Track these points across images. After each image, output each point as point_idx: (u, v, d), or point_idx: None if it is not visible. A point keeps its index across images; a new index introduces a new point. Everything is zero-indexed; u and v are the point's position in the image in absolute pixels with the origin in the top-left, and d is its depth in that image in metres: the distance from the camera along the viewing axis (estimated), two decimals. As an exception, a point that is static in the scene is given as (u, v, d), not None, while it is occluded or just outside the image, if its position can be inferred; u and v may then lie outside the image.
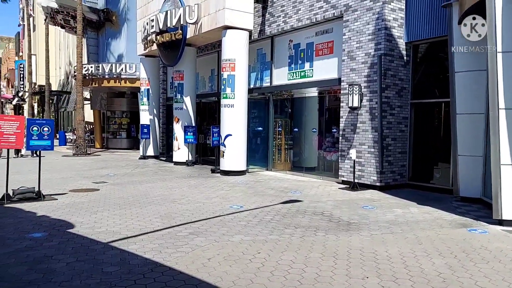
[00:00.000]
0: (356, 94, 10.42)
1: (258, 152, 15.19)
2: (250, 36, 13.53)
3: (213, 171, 13.82)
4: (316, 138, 13.20)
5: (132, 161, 17.81)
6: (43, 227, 6.13)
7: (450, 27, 8.73)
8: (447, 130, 9.78)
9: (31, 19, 34.75)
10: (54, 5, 22.66)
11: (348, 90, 10.60)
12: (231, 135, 13.07)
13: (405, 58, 10.80)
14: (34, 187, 8.49)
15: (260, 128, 15.35)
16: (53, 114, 33.45)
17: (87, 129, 27.51)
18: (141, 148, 19.32)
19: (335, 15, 11.39)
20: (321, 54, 12.25)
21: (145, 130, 18.89)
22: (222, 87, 13.18)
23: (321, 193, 9.80)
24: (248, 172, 13.75)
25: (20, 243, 5.30)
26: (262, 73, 14.62)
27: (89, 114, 27.94)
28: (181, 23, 14.07)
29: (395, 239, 5.80)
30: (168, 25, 14.49)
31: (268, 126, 14.48)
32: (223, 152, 13.24)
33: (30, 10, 35.02)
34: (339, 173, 11.41)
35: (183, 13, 13.88)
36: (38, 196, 8.37)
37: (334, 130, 12.24)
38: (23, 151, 17.57)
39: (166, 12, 14.55)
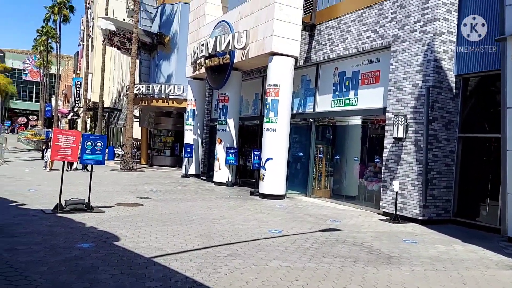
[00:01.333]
0: (401, 125, 10.28)
1: (298, 177, 15.18)
2: (295, 62, 13.77)
3: (252, 194, 13.94)
4: (357, 167, 13.05)
5: (174, 178, 18.30)
6: (91, 238, 6.45)
7: (503, 61, 8.50)
8: (496, 167, 9.38)
9: (90, 40, 37.17)
10: (112, 28, 24.16)
11: (394, 120, 10.48)
12: (271, 158, 13.20)
13: (454, 91, 10.57)
14: (84, 199, 8.96)
15: (300, 153, 15.39)
16: (104, 129, 35.11)
17: (134, 145, 28.60)
18: (183, 166, 19.83)
19: (383, 45, 11.41)
20: (367, 83, 12.24)
21: (189, 150, 19.41)
22: (266, 111, 13.42)
23: (361, 223, 9.63)
24: (287, 196, 13.76)
25: (70, 252, 5.61)
26: (306, 99, 14.76)
27: (137, 131, 29.09)
28: (230, 48, 14.58)
29: (437, 276, 5.61)
30: (217, 50, 15.06)
31: (309, 151, 14.50)
32: (263, 175, 13.36)
33: (90, 31, 37.50)
34: (380, 204, 11.18)
35: (232, 39, 14.40)
36: (87, 207, 8.81)
37: (377, 159, 12.07)
38: (75, 165, 18.24)
39: (216, 37, 15.15)
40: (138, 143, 30.48)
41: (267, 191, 13.20)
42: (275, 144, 13.20)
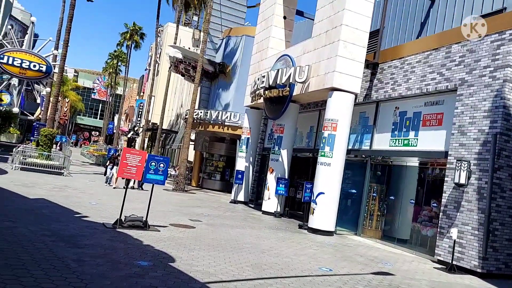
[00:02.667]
0: (464, 171, 9.87)
1: (348, 215, 14.87)
2: (355, 99, 13.78)
3: (300, 227, 13.82)
4: (412, 210, 12.58)
5: (223, 203, 18.56)
6: (148, 257, 6.72)
7: None
8: None
9: (156, 65, 39.44)
10: (179, 56, 25.58)
11: (456, 165, 10.08)
12: (324, 193, 13.08)
13: (524, 139, 10.03)
14: (142, 217, 9.37)
15: (353, 190, 15.11)
16: (160, 150, 36.60)
17: (187, 167, 29.48)
18: (233, 192, 20.10)
19: (449, 88, 11.16)
20: (429, 125, 11.95)
21: (240, 176, 19.70)
22: (321, 145, 13.43)
23: (415, 270, 9.22)
24: (336, 233, 13.49)
25: (130, 269, 5.88)
26: (362, 136, 14.62)
27: (190, 154, 30.02)
28: (290, 81, 14.91)
29: None
30: (278, 82, 15.44)
31: (362, 189, 14.22)
32: (314, 209, 13.24)
33: (157, 58, 39.84)
34: (436, 251, 10.64)
35: (293, 73, 14.73)
36: (144, 225, 9.20)
37: (434, 204, 11.59)
38: (131, 183, 18.69)
39: (278, 70, 15.58)
40: (190, 165, 31.39)
41: (317, 226, 13.03)
42: (329, 179, 13.10)
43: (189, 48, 29.44)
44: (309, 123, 17.80)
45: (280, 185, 15.99)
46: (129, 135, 54.24)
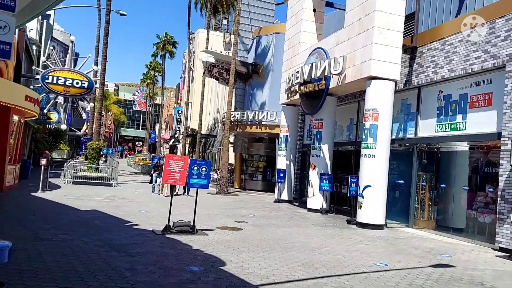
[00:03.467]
0: (521, 151, 9.22)
1: (397, 206, 14.36)
2: (395, 86, 13.28)
3: (348, 222, 13.49)
4: (465, 196, 11.95)
5: (267, 203, 18.50)
6: (199, 261, 6.75)
7: None
8: None
9: (191, 72, 40.14)
10: (212, 60, 25.85)
11: (511, 146, 9.44)
12: (370, 186, 12.70)
13: None
14: (189, 222, 9.46)
15: (401, 181, 14.58)
16: (201, 154, 37.19)
17: (229, 170, 29.70)
18: (276, 191, 20.00)
19: (496, 65, 10.49)
20: (477, 106, 11.29)
21: (281, 175, 19.56)
22: (364, 136, 13.04)
23: (475, 259, 8.71)
24: (386, 226, 13.04)
25: (182, 275, 5.91)
26: (406, 124, 14.07)
27: (230, 156, 30.23)
28: (325, 74, 14.61)
29: None
30: (312, 76, 15.18)
31: (411, 179, 13.67)
32: (361, 203, 12.88)
33: (191, 64, 40.52)
34: (496, 239, 10.01)
35: (328, 65, 14.43)
36: (192, 230, 9.28)
37: (491, 189, 10.92)
38: (176, 189, 18.92)
39: (311, 64, 15.31)
40: (231, 167, 31.61)
41: (365, 220, 12.67)
42: (374, 171, 12.70)
43: (221, 52, 29.65)
44: (348, 116, 17.38)
45: (324, 181, 15.70)
46: (170, 143, 55.51)
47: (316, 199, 16.17)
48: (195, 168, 9.41)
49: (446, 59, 12.15)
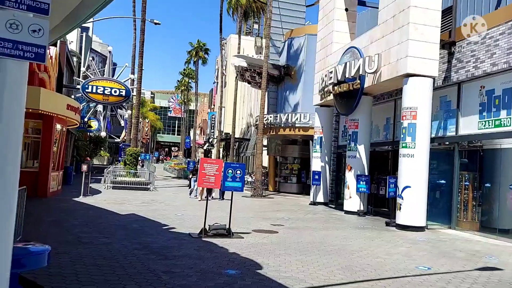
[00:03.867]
0: None
1: (438, 207, 13.81)
2: (433, 83, 12.80)
3: (387, 224, 13.09)
4: (512, 196, 11.31)
5: (302, 206, 18.30)
6: (235, 265, 6.72)
7: None
8: None
9: (223, 77, 40.57)
10: (244, 64, 25.97)
11: None
12: (409, 186, 12.27)
13: None
14: (225, 225, 9.47)
15: (442, 181, 14.02)
16: (235, 158, 37.44)
17: (263, 173, 29.69)
18: (311, 194, 19.75)
19: (543, 56, 9.88)
20: (523, 101, 10.68)
21: (317, 177, 19.30)
22: (402, 136, 12.64)
23: (527, 264, 8.19)
24: (427, 228, 12.56)
25: (219, 278, 5.89)
26: (446, 121, 13.52)
27: (264, 159, 30.19)
28: (360, 73, 14.31)
29: None
30: (347, 76, 14.91)
31: (452, 179, 13.11)
32: (400, 204, 12.47)
33: (223, 70, 40.96)
34: (550, 242, 9.39)
35: (362, 64, 14.13)
36: (228, 233, 9.29)
37: (541, 188, 10.28)
38: (212, 194, 18.54)
39: (345, 63, 15.05)
40: (265, 170, 31.58)
41: (405, 222, 12.25)
42: (413, 171, 12.28)
43: (252, 56, 29.78)
44: (384, 115, 16.91)
45: (361, 182, 15.34)
46: (205, 147, 56.24)
47: (353, 201, 15.82)
48: (230, 171, 9.42)
49: (487, 53, 11.58)
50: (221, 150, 40.73)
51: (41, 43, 2.97)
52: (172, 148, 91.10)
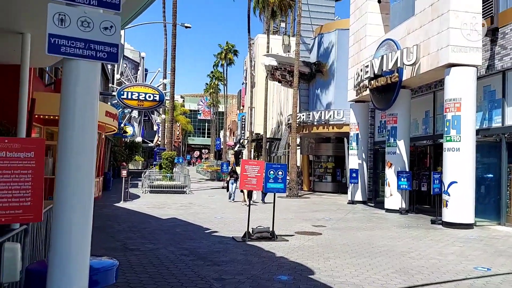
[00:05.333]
0: None
1: (485, 203, 13.17)
2: (476, 72, 12.20)
3: (433, 222, 12.58)
4: None
5: (341, 205, 17.93)
6: (285, 270, 6.55)
7: None
8: None
9: (252, 77, 40.57)
10: (274, 63, 25.76)
11: None
12: (456, 182, 11.74)
13: None
14: (268, 227, 9.33)
15: (489, 175, 13.36)
16: (267, 158, 37.33)
17: (297, 172, 29.40)
18: (349, 192, 19.33)
19: None
20: None
21: (354, 175, 18.87)
22: (445, 129, 12.12)
23: None
24: (476, 225, 11.98)
25: (272, 285, 5.74)
26: (491, 112, 12.88)
27: (297, 158, 29.90)
28: (398, 65, 13.85)
29: None
30: (384, 69, 14.48)
31: (500, 173, 12.45)
32: (446, 201, 11.96)
33: (252, 70, 40.95)
34: None
35: (400, 56, 13.67)
36: (272, 236, 9.14)
37: None
38: (254, 197, 16.85)
39: (382, 56, 14.61)
40: (299, 169, 31.25)
41: (452, 219, 11.74)
42: (460, 166, 11.74)
43: (281, 54, 29.54)
44: (423, 108, 16.32)
45: (402, 179, 14.83)
46: (235, 149, 56.41)
47: (394, 198, 15.34)
48: (271, 172, 9.28)
49: (537, 37, 10.92)
50: (252, 150, 40.69)
51: (113, 41, 2.77)
52: (203, 151, 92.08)
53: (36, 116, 11.67)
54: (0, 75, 9.53)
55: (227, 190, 18.60)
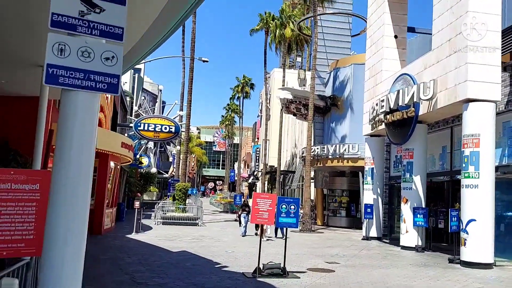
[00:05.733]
0: None
1: (504, 242, 12.66)
2: (495, 108, 12.01)
3: (451, 261, 12.06)
4: None
5: (355, 241, 17.44)
6: (296, 308, 6.30)
7: None
8: None
9: (267, 110, 40.94)
10: (290, 97, 26.01)
11: None
12: (474, 220, 11.33)
13: None
14: (279, 263, 9.07)
15: (509, 213, 12.90)
16: (280, 191, 37.00)
17: (311, 206, 28.94)
18: (363, 228, 18.85)
19: None
20: None
21: (369, 210, 18.45)
22: (463, 165, 11.83)
23: None
24: (495, 265, 11.45)
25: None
26: (510, 148, 12.56)
27: (311, 192, 29.51)
28: (414, 100, 13.77)
29: None
30: (400, 104, 14.42)
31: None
32: (465, 239, 11.50)
33: (267, 103, 41.39)
34: None
35: (416, 90, 13.62)
36: (283, 272, 8.87)
37: None
38: (268, 232, 16.91)
39: (398, 91, 14.59)
40: (313, 203, 30.77)
41: (471, 258, 11.26)
42: (478, 203, 11.37)
43: (296, 88, 29.85)
44: (440, 143, 16.05)
45: (418, 215, 14.40)
46: (249, 181, 56.16)
47: (410, 235, 14.85)
48: (284, 206, 9.11)
49: (556, 73, 10.77)
50: (266, 183, 40.43)
51: (115, 72, 2.71)
52: (217, 182, 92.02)
53: (54, 146, 11.91)
54: (20, 107, 9.76)
55: (240, 224, 18.28)
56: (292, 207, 9.12)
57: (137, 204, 16.70)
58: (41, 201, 3.26)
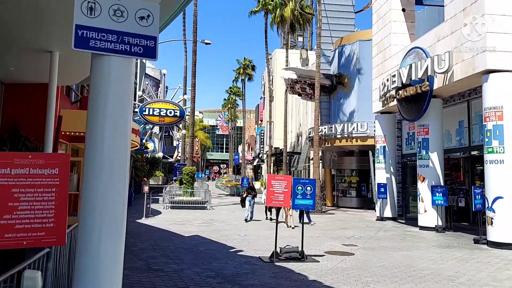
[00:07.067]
0: None
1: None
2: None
3: (476, 242, 11.57)
4: None
5: (369, 222, 17.06)
6: (323, 296, 5.91)
7: None
8: None
9: (271, 91, 40.21)
10: (294, 77, 25.31)
11: None
12: (501, 197, 10.83)
13: None
14: (297, 247, 8.68)
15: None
16: (287, 172, 36.60)
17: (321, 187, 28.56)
18: (377, 208, 18.43)
19: None
20: None
21: (382, 190, 17.99)
22: (486, 140, 11.28)
23: None
24: (527, 246, 10.98)
25: (309, 312, 5.11)
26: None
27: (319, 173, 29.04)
28: (428, 74, 13.14)
29: None
30: (412, 78, 13.80)
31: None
32: (491, 218, 11.02)
33: (270, 84, 40.66)
34: None
35: (430, 64, 12.98)
36: (301, 256, 8.47)
37: None
38: (291, 223, 14.72)
39: (410, 65, 13.94)
40: (322, 184, 30.37)
41: (500, 238, 10.76)
42: (505, 179, 10.83)
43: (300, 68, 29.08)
44: (456, 118, 15.46)
45: (437, 194, 13.92)
46: (254, 163, 55.80)
47: (428, 215, 14.39)
48: (299, 187, 8.66)
49: None
50: (271, 165, 40.03)
51: (151, 33, 2.29)
52: (221, 166, 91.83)
53: (63, 133, 11.61)
54: (29, 93, 9.87)
55: (242, 206, 17.73)
56: (308, 188, 8.66)
57: (146, 188, 16.36)
58: (61, 187, 3.00)
